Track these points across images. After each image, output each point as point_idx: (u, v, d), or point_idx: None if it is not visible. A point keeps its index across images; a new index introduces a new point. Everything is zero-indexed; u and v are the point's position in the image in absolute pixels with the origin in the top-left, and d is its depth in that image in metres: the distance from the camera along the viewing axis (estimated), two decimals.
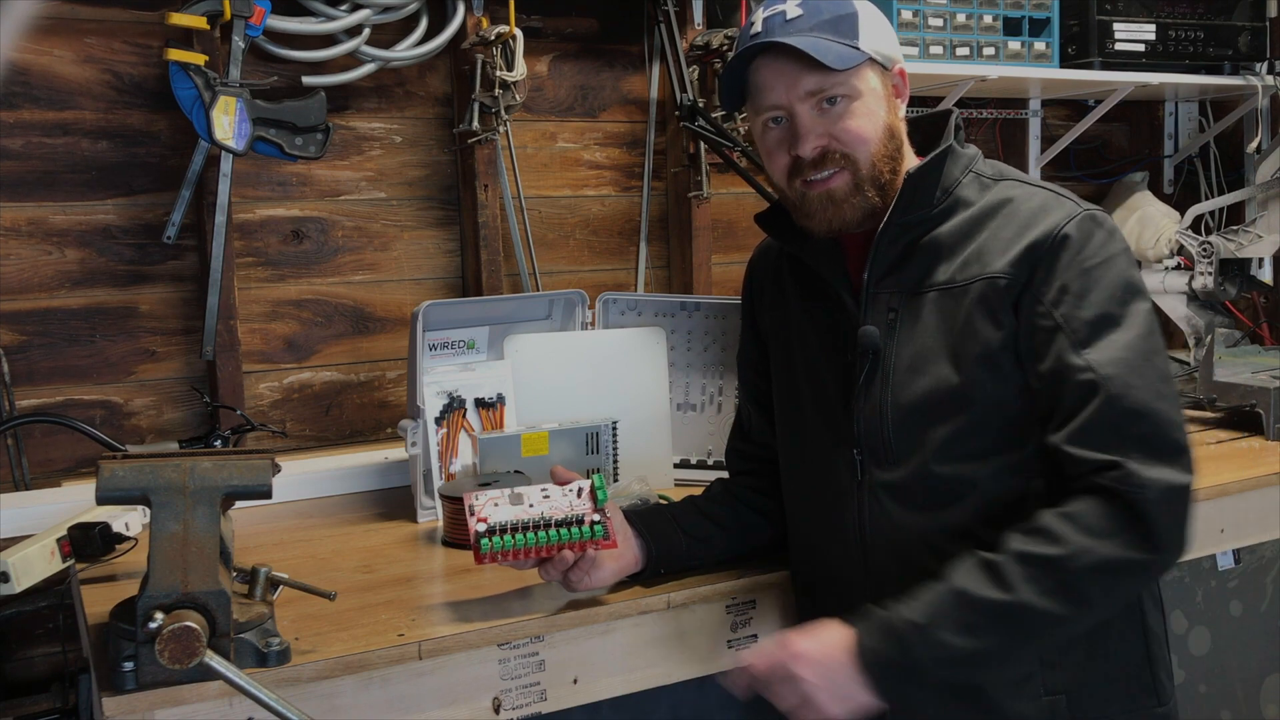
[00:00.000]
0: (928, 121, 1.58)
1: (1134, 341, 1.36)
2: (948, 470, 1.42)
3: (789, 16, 1.43)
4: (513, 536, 1.47)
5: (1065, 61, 2.83)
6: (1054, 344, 1.37)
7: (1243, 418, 2.51)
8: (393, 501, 2.15)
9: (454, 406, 2.07)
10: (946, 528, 1.43)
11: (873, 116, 1.45)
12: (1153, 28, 2.90)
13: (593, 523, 1.50)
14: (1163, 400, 1.35)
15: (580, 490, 1.53)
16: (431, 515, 2.00)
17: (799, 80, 1.43)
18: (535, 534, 1.48)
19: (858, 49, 1.43)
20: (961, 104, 2.94)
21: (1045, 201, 1.45)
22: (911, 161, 1.51)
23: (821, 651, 1.37)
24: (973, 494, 1.42)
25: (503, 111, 2.39)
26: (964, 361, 1.42)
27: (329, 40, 2.31)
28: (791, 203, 1.51)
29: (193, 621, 1.23)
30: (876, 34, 1.47)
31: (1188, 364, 2.93)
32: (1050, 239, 1.40)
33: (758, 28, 1.45)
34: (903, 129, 1.51)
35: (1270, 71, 3.03)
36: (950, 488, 1.43)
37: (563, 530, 1.48)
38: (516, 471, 1.94)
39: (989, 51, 2.69)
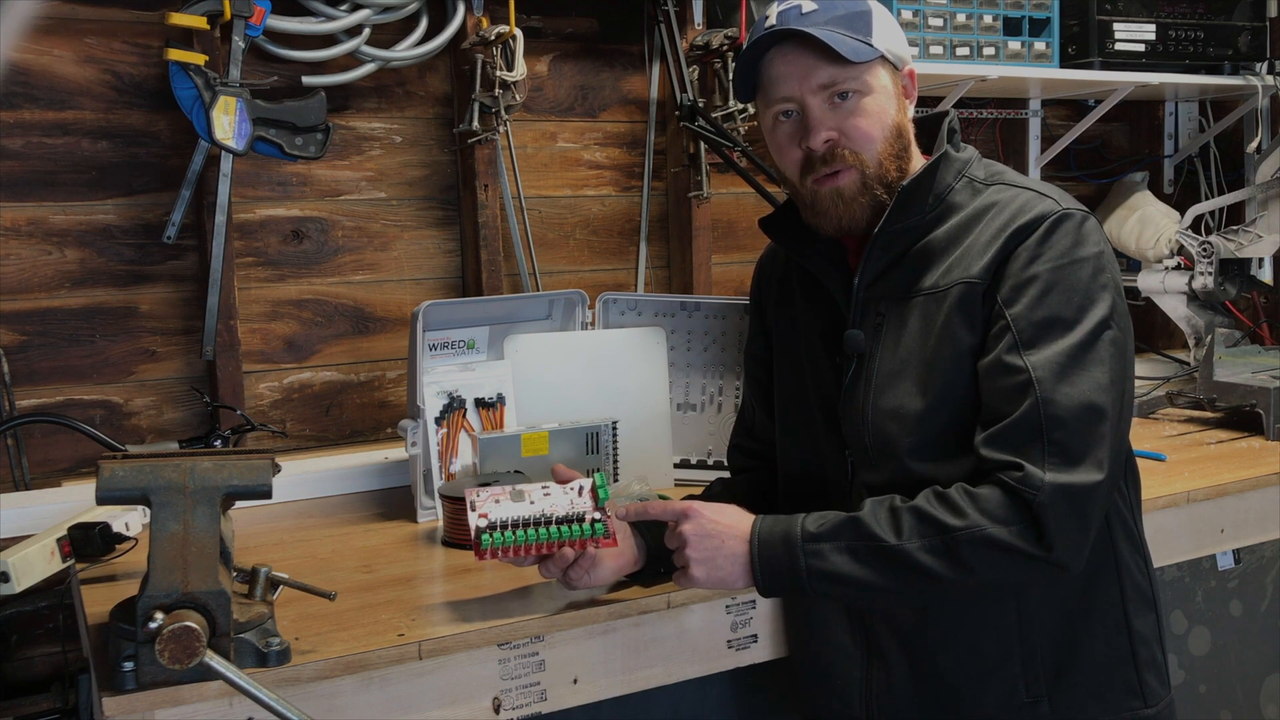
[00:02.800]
0: (930, 122, 1.58)
1: (1075, 348, 1.36)
2: (921, 474, 1.43)
3: (804, 10, 1.44)
4: (513, 533, 1.47)
5: (1065, 61, 2.83)
6: (1001, 341, 1.38)
7: (1243, 418, 2.51)
8: (393, 501, 2.15)
9: (454, 406, 2.07)
10: None
11: (882, 114, 1.45)
12: (1153, 28, 2.90)
13: (593, 521, 1.50)
14: (1089, 410, 1.35)
15: (581, 488, 1.53)
16: (431, 515, 2.00)
17: (812, 72, 1.43)
18: (536, 530, 1.47)
19: (871, 45, 1.43)
20: (962, 104, 2.94)
21: (1025, 203, 1.45)
22: (918, 161, 1.52)
23: (714, 518, 1.44)
24: None
25: (503, 111, 2.39)
26: (940, 365, 1.42)
27: (329, 40, 2.31)
28: (804, 201, 1.51)
29: (193, 621, 1.23)
30: (889, 33, 1.47)
31: (1188, 364, 2.93)
32: (1017, 238, 1.41)
33: (772, 20, 1.46)
34: (911, 129, 1.52)
35: (1270, 71, 3.03)
36: (925, 488, 1.43)
37: (563, 527, 1.48)
38: (516, 471, 1.94)
39: (989, 51, 2.69)
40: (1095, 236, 1.43)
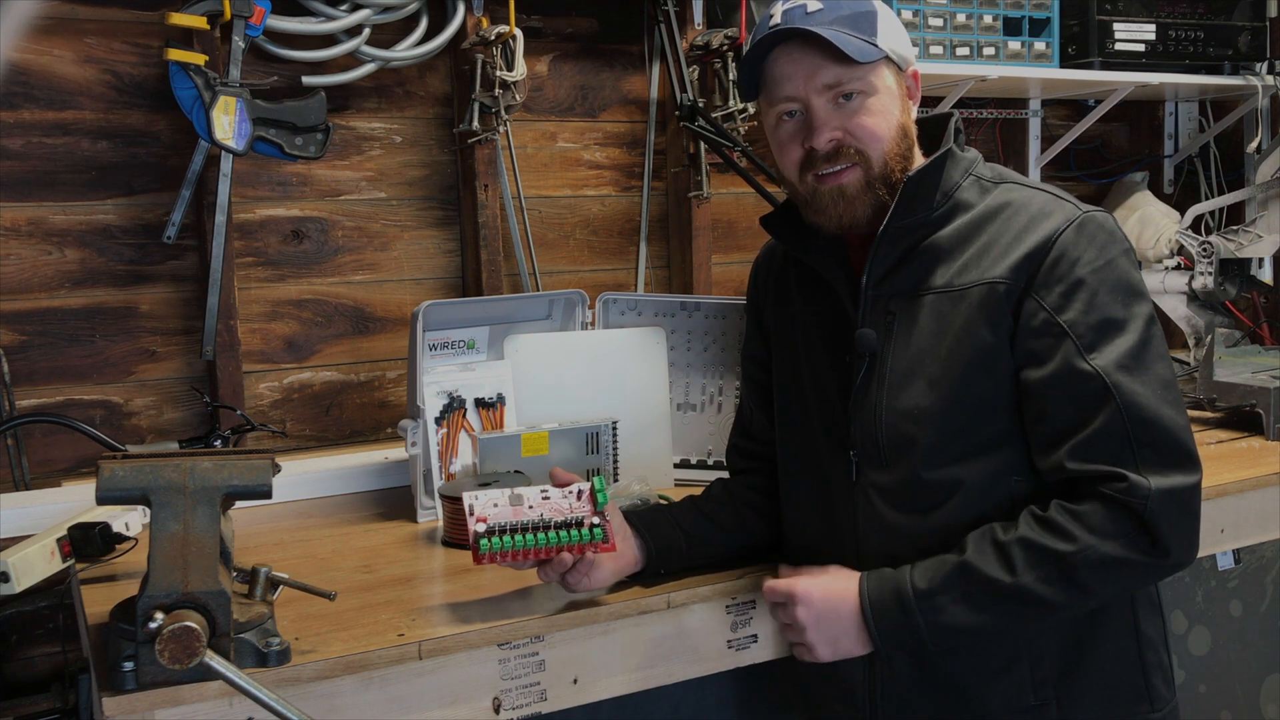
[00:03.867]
0: (932, 123, 1.58)
1: (1138, 346, 1.37)
2: (936, 474, 1.43)
3: (809, 10, 1.43)
4: (511, 538, 1.47)
5: (1065, 61, 2.83)
6: (1060, 349, 1.37)
7: (1243, 418, 2.51)
8: (393, 501, 2.15)
9: (454, 406, 2.07)
10: (934, 530, 1.44)
11: (887, 114, 1.45)
12: (1153, 28, 2.90)
13: (592, 526, 1.50)
14: (1168, 405, 1.36)
15: (580, 492, 1.53)
16: (431, 515, 2.00)
17: (817, 72, 1.43)
18: (534, 536, 1.47)
19: (876, 45, 1.43)
20: (961, 104, 2.94)
21: (1044, 205, 1.45)
22: (919, 163, 1.52)
23: (824, 595, 1.44)
24: (958, 496, 1.43)
25: (503, 111, 2.39)
26: (958, 365, 1.42)
27: (329, 40, 2.31)
28: (802, 198, 1.51)
29: (193, 621, 1.23)
30: (893, 33, 1.47)
31: (1188, 364, 2.93)
32: (1050, 243, 1.41)
33: (777, 19, 1.45)
34: (914, 130, 1.51)
35: (1270, 71, 3.04)
36: (937, 490, 1.43)
37: (562, 533, 1.48)
38: (516, 471, 1.94)
39: (989, 51, 2.69)
40: (1119, 233, 1.44)
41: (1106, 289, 1.39)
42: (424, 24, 2.41)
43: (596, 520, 1.50)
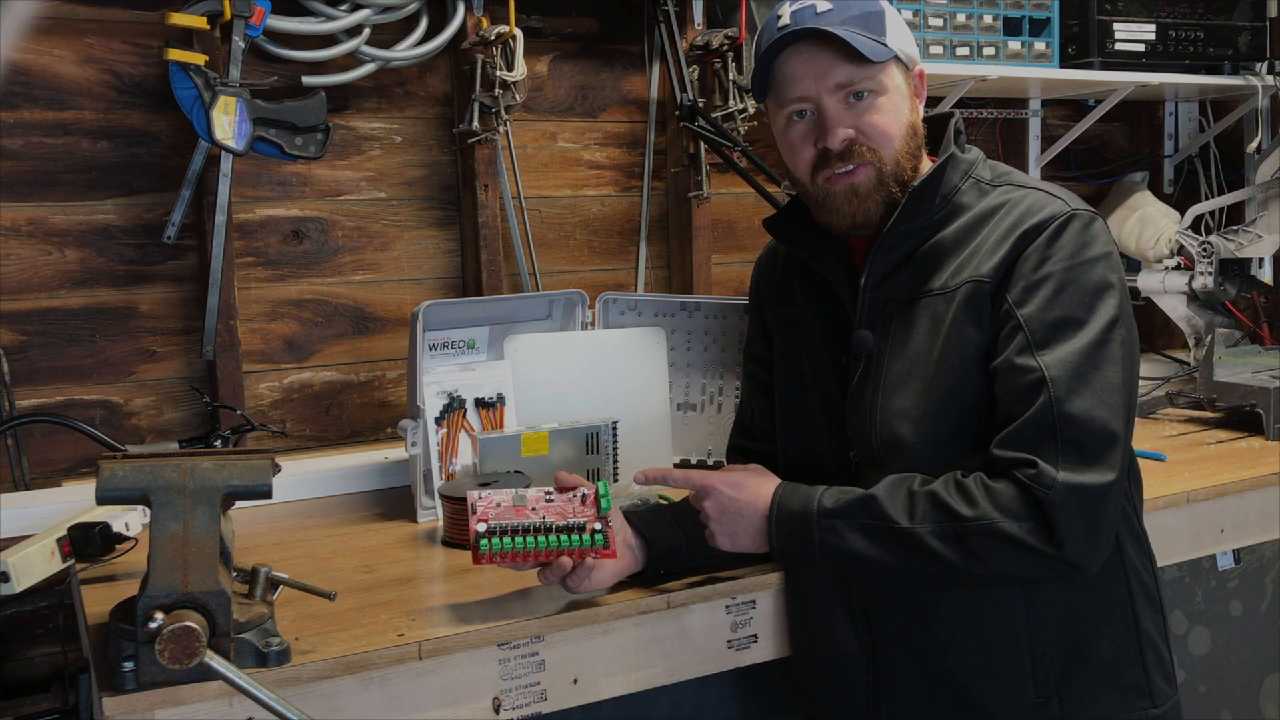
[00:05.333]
0: (933, 123, 1.58)
1: (1089, 347, 1.36)
2: (932, 471, 1.42)
3: (819, 10, 1.44)
4: (512, 539, 1.47)
5: (1065, 61, 2.83)
6: (1012, 342, 1.39)
7: (1243, 418, 2.51)
8: (393, 501, 2.15)
9: (454, 406, 2.07)
10: None
11: (898, 113, 1.46)
12: (1153, 28, 2.90)
13: (594, 531, 1.49)
14: (1103, 409, 1.35)
15: (585, 497, 1.53)
16: (431, 515, 2.00)
17: (829, 72, 1.43)
18: (535, 538, 1.47)
19: (886, 45, 1.44)
20: (961, 104, 2.94)
21: (1035, 202, 1.45)
22: (927, 162, 1.52)
23: (733, 492, 1.48)
24: None
25: (503, 111, 2.39)
26: (949, 364, 1.43)
27: (329, 40, 2.31)
28: (814, 199, 1.51)
29: (193, 621, 1.23)
30: (900, 33, 1.48)
31: (1188, 364, 2.93)
32: (1028, 238, 1.41)
33: (786, 20, 1.45)
34: (923, 128, 1.52)
35: (1270, 71, 3.03)
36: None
37: (563, 536, 1.48)
38: (516, 471, 1.94)
39: (989, 51, 2.69)
40: (1104, 237, 1.43)
41: (1072, 288, 1.39)
42: (424, 24, 2.41)
43: (599, 526, 1.50)
